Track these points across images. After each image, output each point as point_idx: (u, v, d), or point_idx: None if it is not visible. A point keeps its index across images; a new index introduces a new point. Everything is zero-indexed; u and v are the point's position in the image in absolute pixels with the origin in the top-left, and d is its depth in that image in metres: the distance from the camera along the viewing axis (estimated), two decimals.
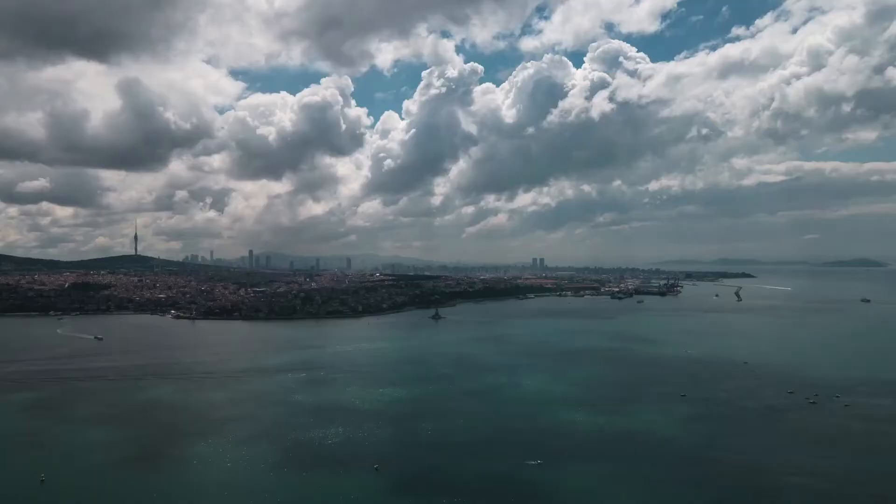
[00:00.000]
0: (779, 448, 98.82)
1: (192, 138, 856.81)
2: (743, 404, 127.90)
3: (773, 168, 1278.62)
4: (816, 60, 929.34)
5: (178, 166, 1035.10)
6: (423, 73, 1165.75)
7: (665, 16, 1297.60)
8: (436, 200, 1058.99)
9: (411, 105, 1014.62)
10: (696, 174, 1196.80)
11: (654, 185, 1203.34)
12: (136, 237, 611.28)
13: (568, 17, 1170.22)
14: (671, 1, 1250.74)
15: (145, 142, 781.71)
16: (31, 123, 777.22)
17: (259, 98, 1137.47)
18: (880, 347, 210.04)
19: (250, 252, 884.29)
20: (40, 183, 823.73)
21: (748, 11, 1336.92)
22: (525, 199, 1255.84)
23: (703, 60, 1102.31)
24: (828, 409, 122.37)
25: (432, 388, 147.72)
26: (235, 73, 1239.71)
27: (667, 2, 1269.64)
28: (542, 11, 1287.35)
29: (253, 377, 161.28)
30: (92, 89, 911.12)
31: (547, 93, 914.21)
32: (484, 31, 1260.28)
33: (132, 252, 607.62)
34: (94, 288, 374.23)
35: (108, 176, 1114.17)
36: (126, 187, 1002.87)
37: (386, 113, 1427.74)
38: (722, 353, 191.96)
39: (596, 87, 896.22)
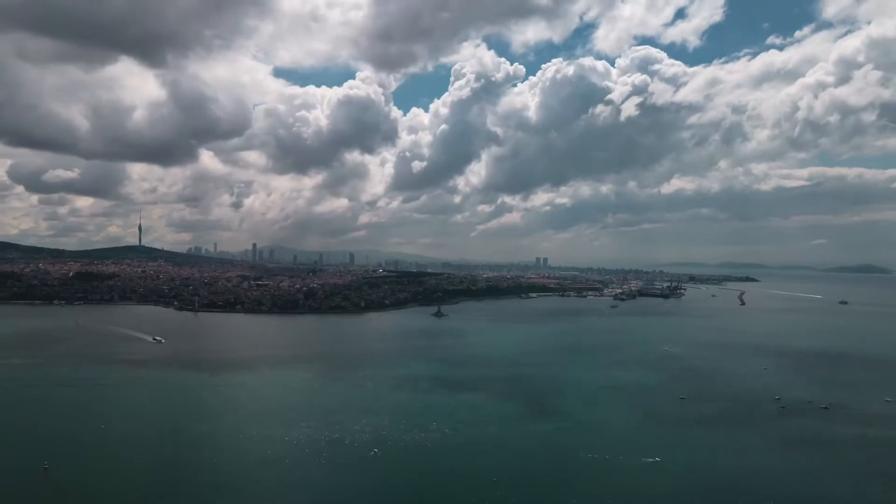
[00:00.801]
0: None
1: (228, 133, 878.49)
2: None
3: (794, 173, 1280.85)
4: (845, 71, 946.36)
5: (209, 160, 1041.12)
6: (454, 69, 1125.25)
7: (705, 31, 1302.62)
8: (453, 198, 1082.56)
9: (440, 104, 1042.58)
10: (715, 178, 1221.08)
11: (670, 188, 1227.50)
12: (140, 228, 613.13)
13: (608, 33, 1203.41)
14: (718, 15, 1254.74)
15: (180, 136, 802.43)
16: (74, 116, 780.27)
17: (298, 92, 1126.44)
18: None
19: (254, 245, 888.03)
20: (67, 173, 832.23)
21: (788, 21, 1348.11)
22: (540, 199, 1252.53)
23: (739, 67, 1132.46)
24: None
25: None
26: (280, 72, 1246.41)
27: (714, 17, 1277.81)
28: (585, 30, 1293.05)
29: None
30: (137, 85, 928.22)
31: (574, 94, 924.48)
32: (527, 45, 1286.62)
33: (142, 243, 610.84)
34: (98, 278, 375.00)
35: (138, 169, 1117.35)
36: (153, 179, 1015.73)
37: (413, 110, 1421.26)
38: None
39: (626, 91, 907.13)
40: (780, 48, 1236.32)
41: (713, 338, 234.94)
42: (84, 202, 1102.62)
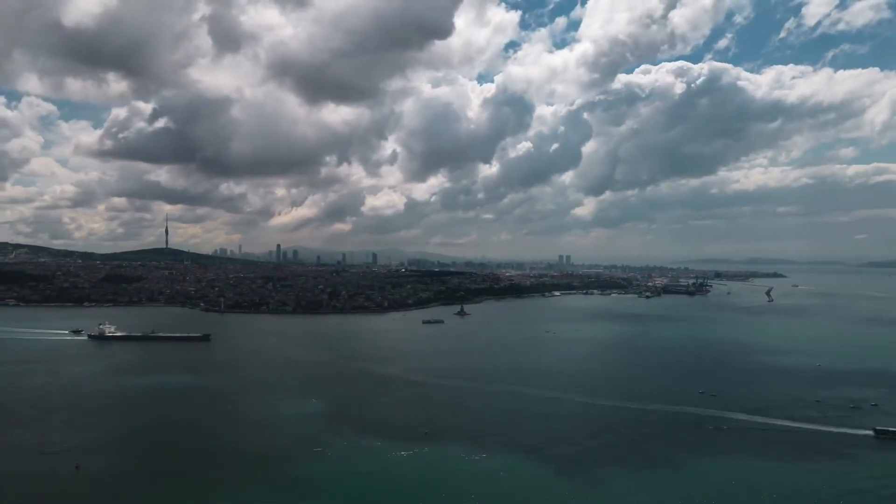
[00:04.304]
0: None
1: (369, 145, 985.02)
2: None
3: (890, 167, 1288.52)
4: None
5: (342, 171, 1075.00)
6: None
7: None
8: (536, 201, 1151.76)
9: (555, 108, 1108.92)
10: (805, 173, 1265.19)
11: (748, 184, 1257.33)
12: (166, 230, 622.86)
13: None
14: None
15: (318, 153, 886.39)
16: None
17: (446, 94, 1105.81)
18: None
19: (278, 247, 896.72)
20: (170, 180, 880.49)
21: None
22: (612, 198, 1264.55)
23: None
24: None
25: None
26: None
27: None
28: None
29: None
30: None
31: (691, 96, 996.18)
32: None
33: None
34: (126, 280, 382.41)
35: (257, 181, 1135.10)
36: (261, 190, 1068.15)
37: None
38: None
39: (735, 90, 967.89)
40: None
41: None
42: (162, 207, 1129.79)
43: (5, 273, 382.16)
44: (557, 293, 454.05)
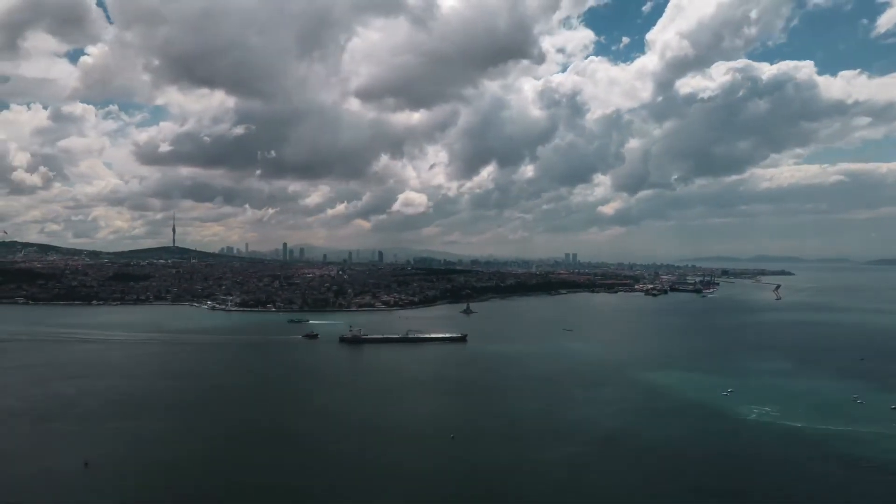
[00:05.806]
0: None
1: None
2: None
3: None
4: None
5: (392, 171, 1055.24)
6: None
7: None
8: (567, 199, 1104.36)
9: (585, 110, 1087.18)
10: (837, 170, 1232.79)
11: (780, 181, 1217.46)
12: (174, 228, 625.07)
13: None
14: None
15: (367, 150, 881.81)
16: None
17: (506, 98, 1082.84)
18: None
19: (284, 245, 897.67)
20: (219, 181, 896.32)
21: None
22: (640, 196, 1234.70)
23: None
24: None
25: None
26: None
27: None
28: None
29: None
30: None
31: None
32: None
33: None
34: (134, 278, 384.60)
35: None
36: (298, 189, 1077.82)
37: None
38: None
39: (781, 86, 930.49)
40: None
41: None
42: (187, 206, 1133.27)
43: (14, 271, 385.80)
44: (564, 291, 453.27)
